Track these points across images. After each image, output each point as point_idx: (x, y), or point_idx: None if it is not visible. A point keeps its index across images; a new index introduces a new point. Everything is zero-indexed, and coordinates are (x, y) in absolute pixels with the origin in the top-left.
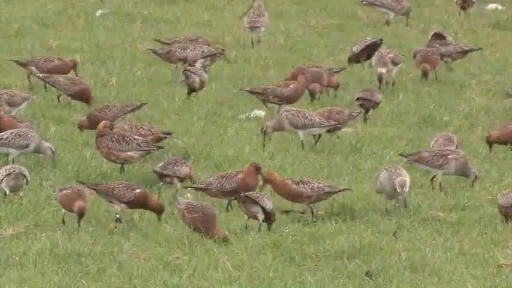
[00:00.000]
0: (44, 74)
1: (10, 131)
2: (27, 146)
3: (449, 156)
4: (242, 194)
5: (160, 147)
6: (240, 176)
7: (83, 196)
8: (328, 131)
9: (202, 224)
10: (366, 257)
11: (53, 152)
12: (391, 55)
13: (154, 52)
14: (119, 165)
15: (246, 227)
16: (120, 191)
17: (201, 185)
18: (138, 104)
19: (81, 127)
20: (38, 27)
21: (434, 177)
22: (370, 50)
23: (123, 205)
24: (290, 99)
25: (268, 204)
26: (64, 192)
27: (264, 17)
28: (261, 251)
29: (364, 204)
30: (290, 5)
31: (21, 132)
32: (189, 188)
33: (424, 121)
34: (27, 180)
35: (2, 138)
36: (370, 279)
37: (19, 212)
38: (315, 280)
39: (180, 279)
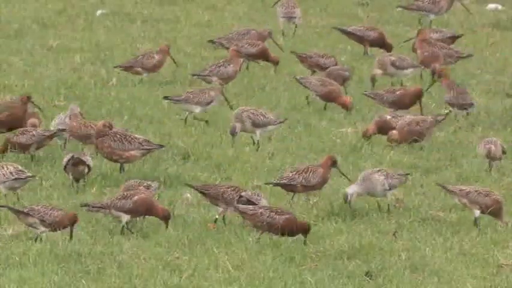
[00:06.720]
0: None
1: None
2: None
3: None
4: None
5: (161, 146)
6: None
7: None
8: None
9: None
10: (366, 257)
11: None
12: (392, 58)
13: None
14: (119, 165)
15: None
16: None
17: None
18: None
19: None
20: (38, 27)
21: None
22: None
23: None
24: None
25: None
26: None
27: (298, 9)
28: (261, 251)
29: (364, 204)
30: None
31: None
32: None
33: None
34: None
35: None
36: (370, 279)
37: None
38: (315, 280)
39: (180, 279)
